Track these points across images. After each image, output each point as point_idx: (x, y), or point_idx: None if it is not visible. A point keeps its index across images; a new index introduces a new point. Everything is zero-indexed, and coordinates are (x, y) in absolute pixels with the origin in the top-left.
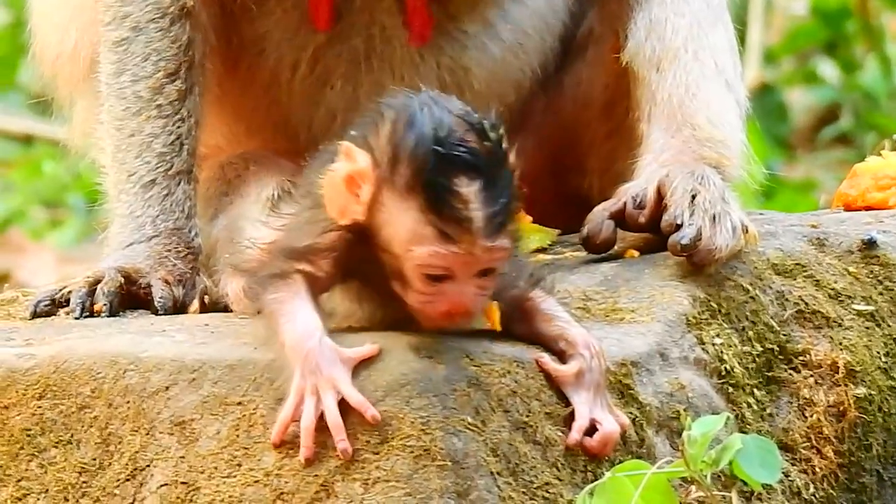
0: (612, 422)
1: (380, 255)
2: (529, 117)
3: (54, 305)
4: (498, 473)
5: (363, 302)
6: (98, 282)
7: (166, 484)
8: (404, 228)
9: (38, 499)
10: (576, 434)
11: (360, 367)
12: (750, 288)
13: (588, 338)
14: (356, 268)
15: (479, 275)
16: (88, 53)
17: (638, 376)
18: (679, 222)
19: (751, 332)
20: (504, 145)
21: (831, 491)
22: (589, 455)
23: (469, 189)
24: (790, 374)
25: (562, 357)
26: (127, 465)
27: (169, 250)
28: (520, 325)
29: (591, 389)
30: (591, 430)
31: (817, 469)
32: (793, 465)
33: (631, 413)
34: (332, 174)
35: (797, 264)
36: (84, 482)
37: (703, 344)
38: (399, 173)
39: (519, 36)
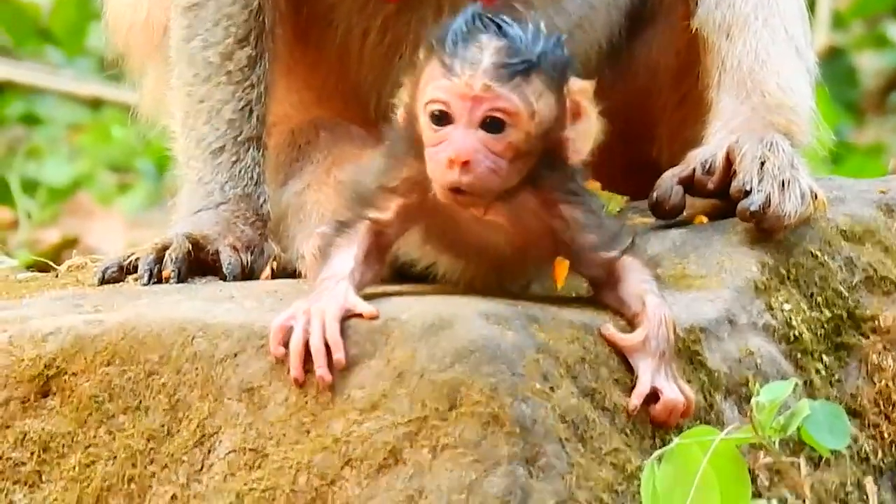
0: (675, 391)
1: (417, 136)
2: (598, 86)
3: (122, 272)
4: (566, 440)
5: (429, 252)
6: (166, 248)
7: (234, 450)
8: (424, 79)
9: (106, 465)
10: (635, 400)
11: (428, 334)
12: (819, 254)
13: (660, 308)
14: (423, 215)
15: (483, 126)
16: (161, 22)
17: (706, 342)
18: (748, 188)
19: (819, 298)
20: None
21: None
22: (655, 424)
23: (486, 40)
24: (859, 340)
25: (633, 324)
26: (195, 431)
27: (237, 217)
28: (608, 291)
29: (657, 357)
30: (654, 398)
31: (886, 435)
32: (861, 430)
33: (699, 379)
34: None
35: (866, 230)
36: (152, 448)
37: (772, 310)
38: (437, 41)
39: (586, 10)
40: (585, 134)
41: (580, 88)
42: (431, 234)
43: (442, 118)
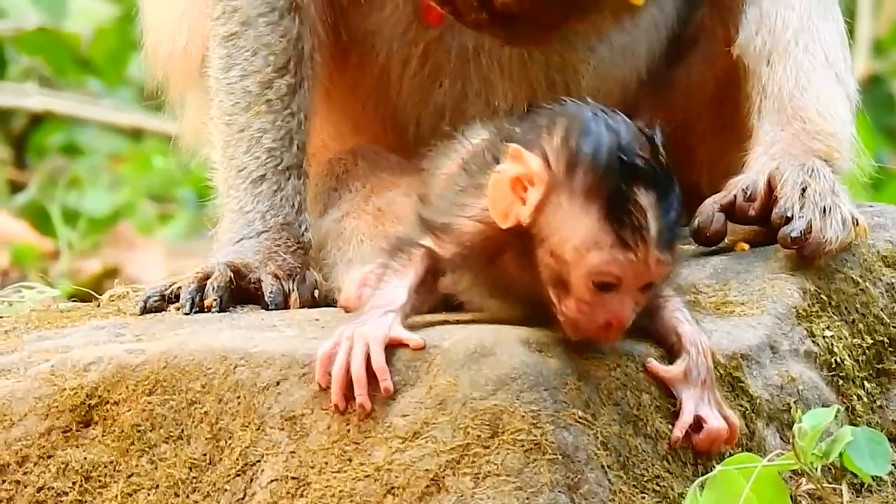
0: (719, 419)
1: (539, 260)
2: (638, 111)
3: (164, 301)
4: (608, 467)
5: (477, 295)
6: (208, 277)
7: (276, 479)
8: (580, 233)
9: (149, 494)
10: (678, 431)
11: (470, 361)
12: (860, 280)
13: (696, 336)
14: (483, 265)
15: (642, 288)
16: (199, 50)
17: (748, 369)
18: (789, 215)
19: (861, 325)
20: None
21: None
22: (697, 452)
23: (647, 200)
24: None
25: (672, 353)
26: (237, 460)
27: (279, 245)
28: (639, 318)
29: (698, 387)
30: (698, 427)
31: None
32: None
33: (741, 406)
34: (498, 175)
35: None
36: (194, 478)
37: (814, 336)
38: (578, 178)
39: (627, 39)
40: None
41: None
42: (483, 281)
43: (607, 285)
